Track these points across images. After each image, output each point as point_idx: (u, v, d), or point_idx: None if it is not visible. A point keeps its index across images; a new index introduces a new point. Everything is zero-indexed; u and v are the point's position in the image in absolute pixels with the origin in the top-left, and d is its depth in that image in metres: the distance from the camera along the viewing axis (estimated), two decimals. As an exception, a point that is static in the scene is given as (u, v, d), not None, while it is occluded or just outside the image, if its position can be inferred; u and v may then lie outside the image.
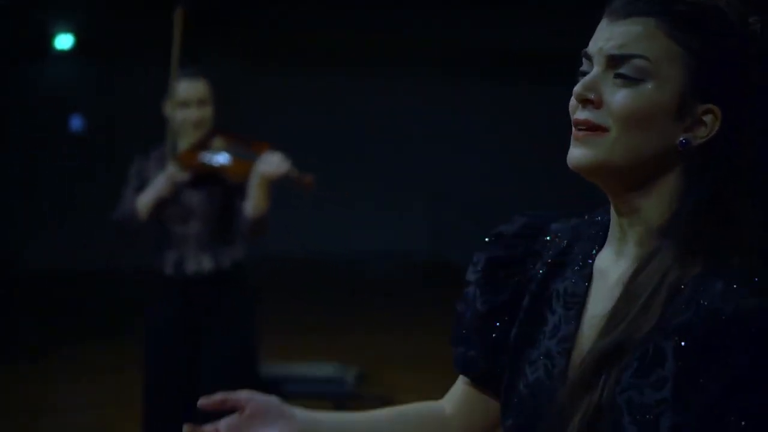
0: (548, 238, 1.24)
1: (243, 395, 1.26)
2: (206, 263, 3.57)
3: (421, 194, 11.40)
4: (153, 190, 3.54)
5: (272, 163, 3.47)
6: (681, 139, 1.07)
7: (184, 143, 3.60)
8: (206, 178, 3.57)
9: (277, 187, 3.56)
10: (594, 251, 1.18)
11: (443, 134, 11.15)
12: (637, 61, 1.07)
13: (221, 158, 3.56)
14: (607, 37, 1.09)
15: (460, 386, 1.33)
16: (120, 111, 9.35)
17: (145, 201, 3.54)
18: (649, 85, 1.07)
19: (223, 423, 1.24)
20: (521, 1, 8.63)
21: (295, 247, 10.74)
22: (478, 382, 1.30)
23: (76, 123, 10.21)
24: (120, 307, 7.94)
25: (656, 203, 1.10)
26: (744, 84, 1.08)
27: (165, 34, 3.59)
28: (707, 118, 1.07)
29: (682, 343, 1.01)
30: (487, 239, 1.29)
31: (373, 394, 4.75)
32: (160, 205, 3.53)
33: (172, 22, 3.70)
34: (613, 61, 1.08)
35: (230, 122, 3.77)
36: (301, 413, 1.28)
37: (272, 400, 1.27)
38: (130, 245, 3.78)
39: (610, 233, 1.16)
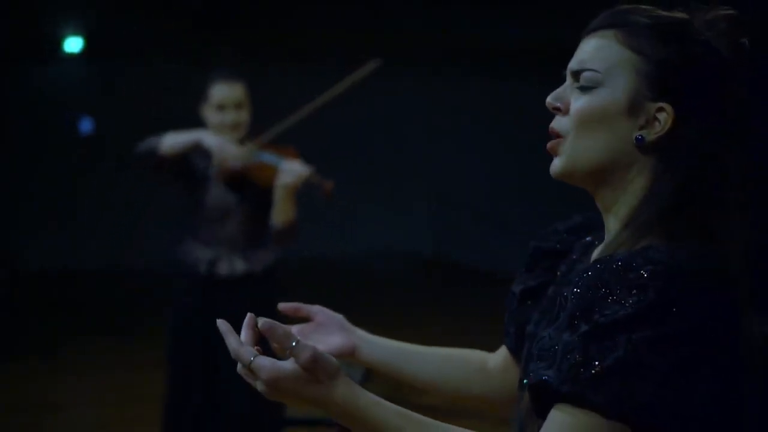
0: (588, 237, 1.36)
1: (315, 307, 1.55)
2: (239, 265, 3.59)
3: (424, 194, 11.41)
4: (188, 136, 3.50)
5: (293, 173, 3.46)
6: (637, 135, 1.18)
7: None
8: (241, 180, 3.58)
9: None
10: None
11: (446, 134, 11.16)
12: (588, 74, 1.21)
13: (252, 163, 3.55)
14: (575, 54, 1.25)
15: (504, 349, 1.50)
16: (129, 113, 9.36)
17: (175, 140, 3.50)
18: (601, 90, 1.20)
19: (296, 327, 1.49)
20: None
21: (298, 246, 10.74)
22: (512, 353, 1.47)
23: (85, 125, 10.23)
24: (121, 307, 7.97)
25: (627, 198, 1.21)
26: (694, 85, 1.18)
27: (160, 30, 3.58)
28: (661, 116, 1.18)
29: (579, 283, 1.11)
30: (544, 231, 1.45)
31: (378, 393, 4.74)
32: (183, 155, 3.49)
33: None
34: (575, 75, 1.23)
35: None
36: (360, 332, 1.54)
37: (338, 315, 1.55)
38: (130, 245, 3.78)
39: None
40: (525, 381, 1.26)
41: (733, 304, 1.10)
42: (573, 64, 1.24)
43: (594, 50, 1.21)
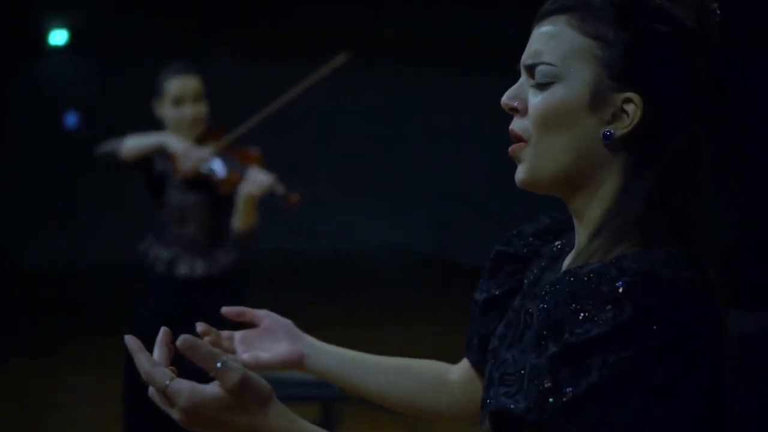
0: (558, 242, 1.23)
1: (261, 312, 1.39)
2: (198, 266, 3.52)
3: (424, 191, 11.41)
4: (151, 140, 3.42)
5: (256, 182, 3.36)
6: (604, 131, 1.05)
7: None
8: (201, 181, 3.48)
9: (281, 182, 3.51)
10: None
11: (446, 131, 11.16)
12: (543, 68, 1.07)
13: (213, 166, 3.43)
14: (528, 46, 1.11)
15: (467, 361, 1.36)
16: (115, 107, 9.36)
17: (136, 143, 3.43)
18: (559, 86, 1.06)
19: (239, 333, 1.35)
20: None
21: (298, 242, 10.74)
22: (474, 366, 1.33)
23: (70, 119, 10.20)
24: (120, 305, 7.96)
25: (598, 202, 1.09)
26: (662, 69, 1.05)
27: (160, 30, 3.55)
28: (628, 107, 1.05)
29: (546, 297, 0.99)
30: (508, 234, 1.31)
31: (359, 406, 4.73)
32: (144, 158, 3.43)
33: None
34: (529, 70, 1.10)
35: (234, 120, 3.72)
36: (309, 339, 1.39)
37: (286, 321, 1.39)
38: (130, 245, 3.75)
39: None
40: (488, 401, 1.12)
41: (714, 310, 0.99)
42: (526, 58, 1.10)
43: (547, 40, 1.08)
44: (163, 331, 1.03)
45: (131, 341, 0.99)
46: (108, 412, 5.33)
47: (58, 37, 9.52)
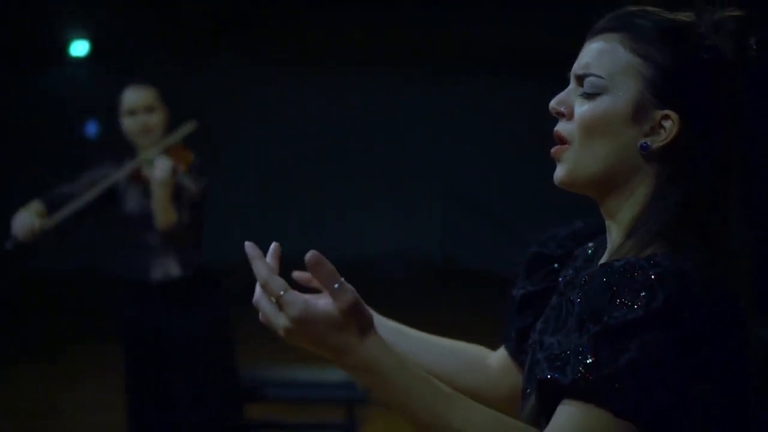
0: (591, 244, 1.35)
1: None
2: (173, 269, 3.56)
3: (433, 195, 11.39)
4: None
5: (159, 167, 3.41)
6: (641, 142, 1.17)
7: (139, 152, 3.60)
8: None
9: (285, 188, 3.51)
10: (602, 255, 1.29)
11: (456, 134, 11.15)
12: (592, 79, 1.20)
13: (157, 167, 3.45)
14: (579, 57, 1.24)
15: (504, 350, 1.50)
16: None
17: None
18: (606, 97, 1.19)
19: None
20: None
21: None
22: (513, 357, 1.47)
23: (91, 129, 10.27)
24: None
25: (631, 206, 1.20)
26: (699, 93, 1.17)
27: (180, 41, 3.56)
28: (666, 123, 1.17)
29: (585, 286, 1.10)
30: (542, 236, 1.44)
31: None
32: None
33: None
34: (579, 80, 1.22)
35: (240, 122, 3.73)
36: (370, 311, 1.47)
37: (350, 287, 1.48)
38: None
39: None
40: (528, 390, 1.24)
41: (739, 312, 1.09)
42: (577, 69, 1.23)
43: (598, 54, 1.20)
44: (274, 246, 1.12)
45: (251, 249, 1.06)
46: (112, 416, 5.33)
47: (80, 48, 9.58)
